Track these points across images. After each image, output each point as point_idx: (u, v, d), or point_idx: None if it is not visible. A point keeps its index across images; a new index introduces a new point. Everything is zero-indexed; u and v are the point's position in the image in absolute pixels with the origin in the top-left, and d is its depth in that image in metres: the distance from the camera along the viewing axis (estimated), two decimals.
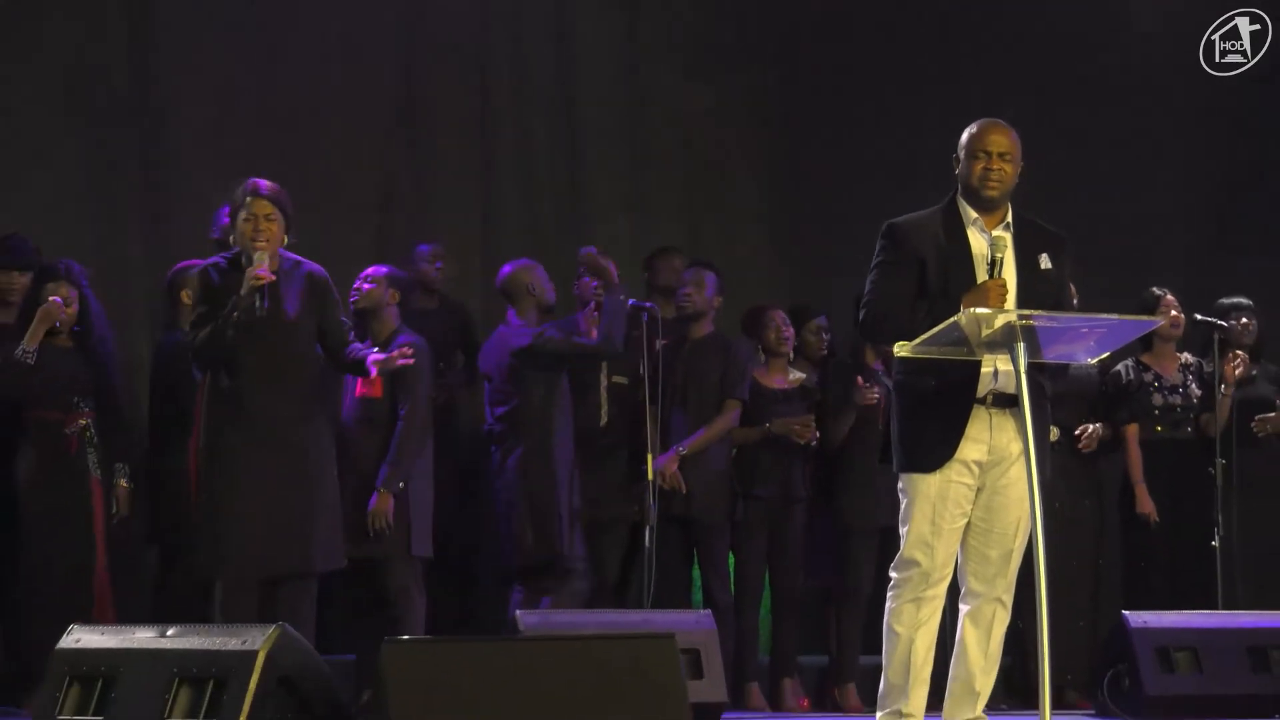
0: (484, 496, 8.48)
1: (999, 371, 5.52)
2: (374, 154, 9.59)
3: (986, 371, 5.53)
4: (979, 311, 5.31)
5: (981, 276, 5.57)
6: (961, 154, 5.68)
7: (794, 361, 8.86)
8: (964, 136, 5.70)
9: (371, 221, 9.50)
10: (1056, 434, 8.18)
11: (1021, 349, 5.34)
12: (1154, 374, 8.97)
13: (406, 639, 5.86)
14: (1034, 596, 5.27)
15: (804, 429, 8.57)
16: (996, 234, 5.61)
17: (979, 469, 5.58)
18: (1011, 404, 5.53)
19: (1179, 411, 8.94)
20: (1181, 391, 8.96)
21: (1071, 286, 6.13)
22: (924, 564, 5.58)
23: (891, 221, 5.73)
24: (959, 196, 5.70)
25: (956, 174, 5.70)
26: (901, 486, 5.64)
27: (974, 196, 5.65)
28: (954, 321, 5.32)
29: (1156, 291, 8.95)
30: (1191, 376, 8.99)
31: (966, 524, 5.62)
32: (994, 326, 5.32)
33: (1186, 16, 10.28)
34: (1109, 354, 5.82)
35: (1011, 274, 5.60)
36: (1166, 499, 8.83)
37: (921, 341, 5.40)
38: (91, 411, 7.59)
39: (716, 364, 8.55)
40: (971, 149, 5.65)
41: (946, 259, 5.61)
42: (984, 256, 5.59)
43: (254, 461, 6.66)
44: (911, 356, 5.47)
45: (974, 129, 5.69)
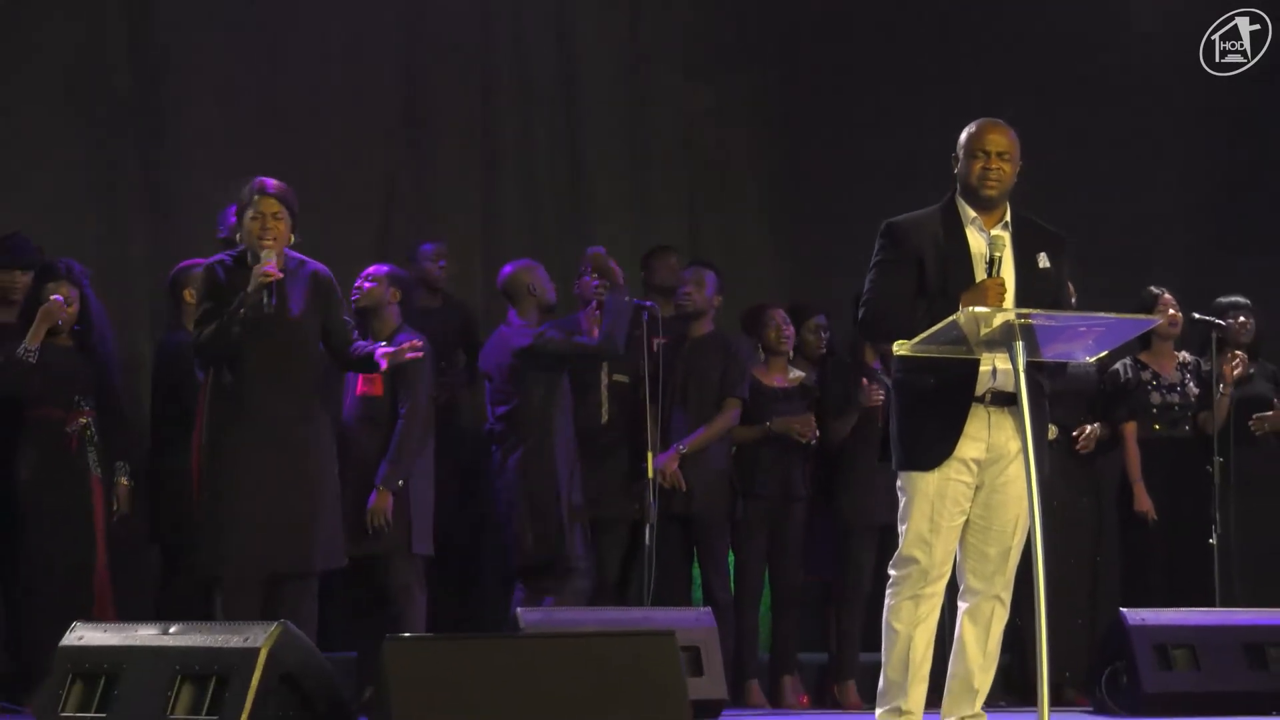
0: (485, 495, 8.49)
1: (997, 370, 5.52)
2: (375, 154, 9.58)
3: (985, 370, 5.53)
4: (978, 310, 5.32)
5: (980, 275, 5.57)
6: (960, 153, 5.68)
7: (793, 360, 8.87)
8: (963, 136, 5.69)
9: (373, 221, 9.49)
10: (1055, 432, 8.18)
11: (1020, 347, 5.34)
12: (1152, 373, 8.97)
13: (408, 636, 5.87)
14: (1032, 594, 5.27)
15: (804, 428, 8.58)
16: (995, 233, 5.61)
17: (977, 467, 5.58)
18: (1010, 402, 5.53)
19: (1177, 410, 8.94)
20: (1179, 390, 8.97)
21: (1070, 285, 6.13)
22: (922, 561, 5.58)
23: (890, 221, 5.72)
24: (958, 196, 5.70)
25: (955, 173, 5.70)
26: (900, 484, 5.65)
27: (973, 196, 5.65)
28: (953, 320, 5.32)
29: (1154, 290, 8.96)
30: (1189, 375, 9.00)
31: (965, 522, 5.62)
32: (993, 325, 5.32)
33: (1186, 16, 10.28)
34: (1107, 353, 5.81)
35: (1010, 273, 5.60)
36: (1164, 497, 8.83)
37: (920, 340, 5.40)
38: (92, 410, 7.59)
39: (717, 363, 8.56)
40: (970, 148, 5.65)
41: (945, 258, 5.61)
42: (983, 255, 5.58)
43: (256, 460, 6.65)
44: (910, 355, 5.47)
45: (972, 128, 5.69)
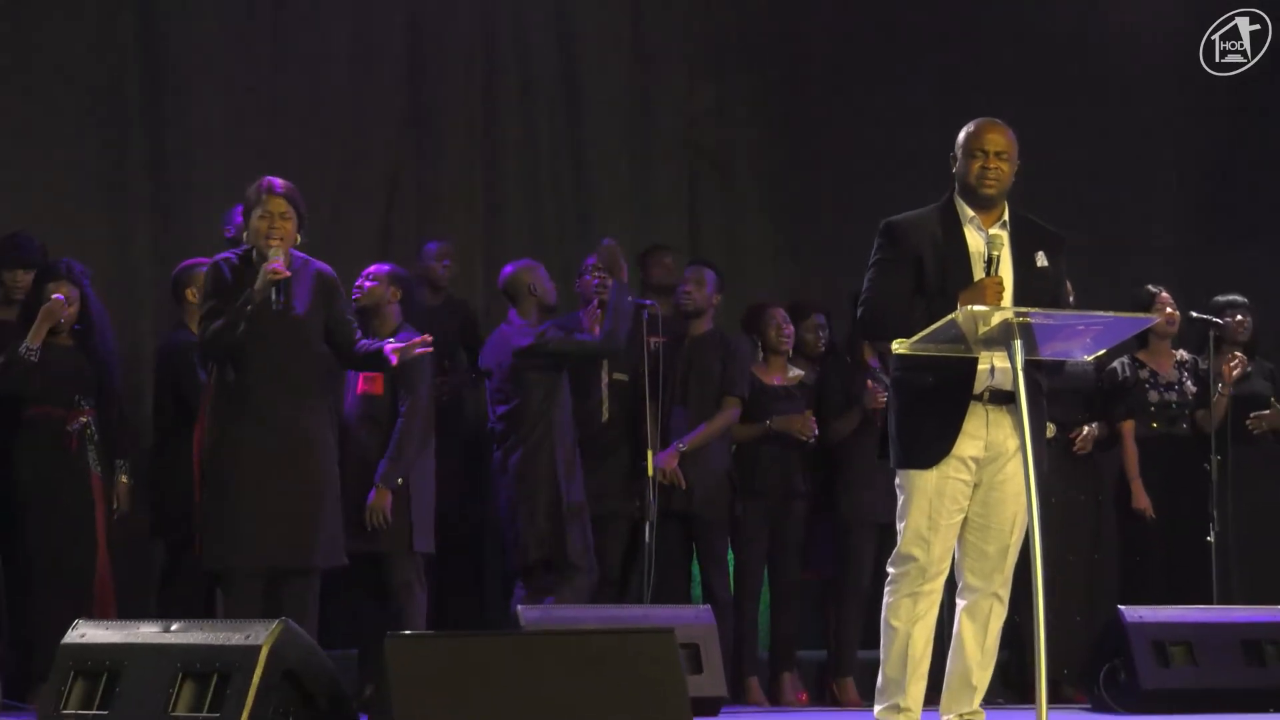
0: (486, 494, 8.50)
1: (995, 368, 5.53)
2: (377, 153, 9.58)
3: (983, 368, 5.54)
4: (976, 309, 5.33)
5: (979, 274, 5.58)
6: (959, 153, 5.68)
7: (792, 359, 8.88)
8: (961, 135, 5.70)
9: (375, 220, 9.48)
10: (1053, 430, 8.21)
11: (1018, 346, 5.36)
12: (1150, 371, 8.98)
13: (408, 634, 5.87)
14: (1030, 591, 5.28)
15: (804, 426, 8.60)
16: (993, 232, 5.61)
17: (976, 465, 5.59)
18: (1008, 400, 5.54)
19: (1174, 408, 8.95)
20: (1177, 388, 8.98)
21: (1068, 284, 6.15)
22: (921, 559, 5.59)
23: (889, 220, 5.73)
24: (956, 195, 5.70)
25: (954, 173, 5.70)
26: (899, 482, 5.66)
27: (971, 195, 5.66)
28: (951, 319, 5.33)
29: (1152, 289, 8.96)
30: (1187, 373, 9.01)
31: (964, 519, 5.63)
32: (991, 324, 5.33)
33: (1186, 16, 10.28)
34: (1105, 351, 5.83)
35: (1008, 272, 5.61)
36: (1162, 495, 8.84)
37: (919, 339, 5.41)
38: (92, 409, 7.60)
39: (716, 361, 8.57)
40: (969, 148, 5.65)
41: (944, 257, 5.61)
42: (981, 254, 5.60)
43: (259, 457, 6.67)
44: (909, 353, 5.48)
45: (971, 128, 5.70)
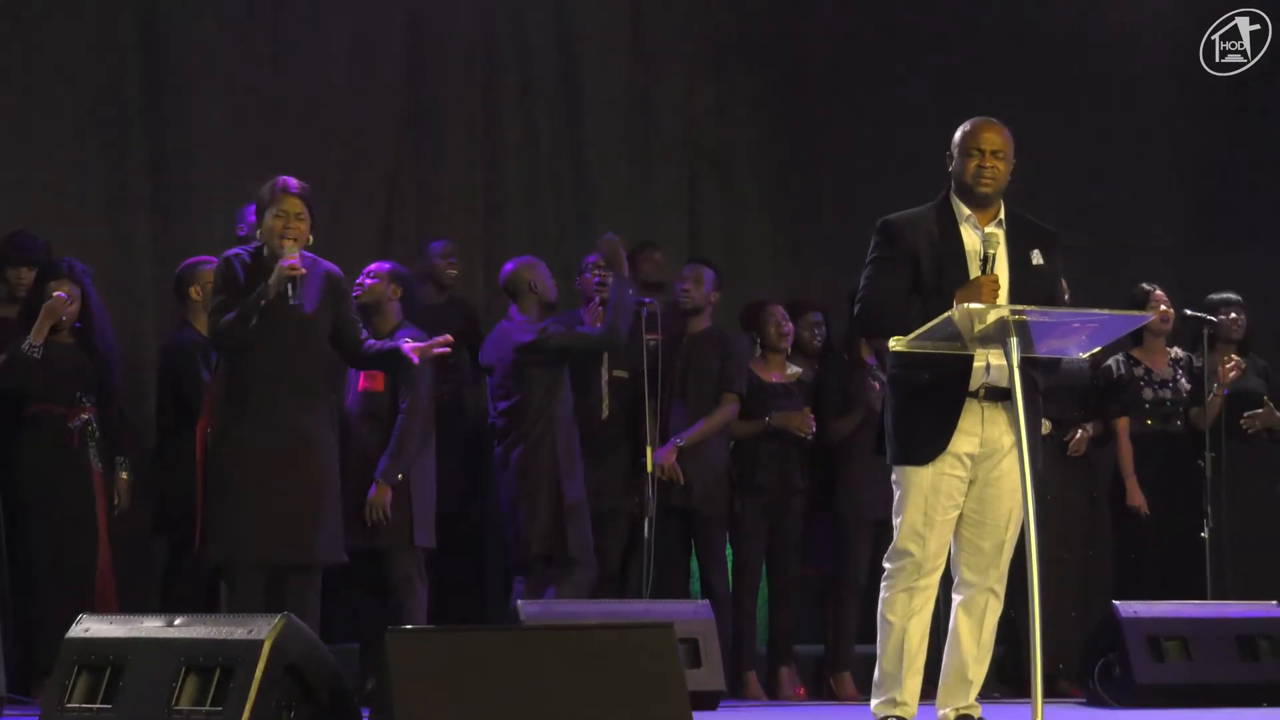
0: (487, 489, 8.52)
1: (991, 366, 5.55)
2: (378, 153, 9.57)
3: (979, 366, 5.56)
4: (972, 307, 5.36)
5: (975, 272, 5.59)
6: (955, 151, 5.70)
7: (790, 356, 8.92)
8: (957, 134, 5.72)
9: (375, 220, 9.48)
10: (1048, 427, 8.23)
11: (1014, 343, 5.38)
12: (1144, 368, 9.01)
13: (409, 628, 5.88)
14: (1026, 587, 5.31)
15: (802, 423, 8.64)
16: (989, 230, 5.63)
17: (971, 461, 5.62)
18: (1004, 397, 5.56)
19: (1169, 405, 8.98)
20: (1171, 386, 9.01)
21: (1063, 282, 6.17)
22: (916, 554, 5.62)
23: (885, 218, 5.74)
24: (952, 194, 5.72)
25: (950, 171, 5.72)
26: (895, 478, 5.68)
27: (967, 193, 5.67)
28: (947, 317, 5.36)
29: (1146, 287, 8.98)
30: (1181, 371, 9.03)
31: (959, 515, 5.65)
32: (987, 321, 5.36)
33: (1186, 16, 10.29)
34: (1100, 348, 5.87)
35: (1004, 270, 5.63)
36: (1157, 491, 8.87)
37: (916, 336, 5.44)
38: (93, 406, 7.63)
39: (714, 358, 8.59)
40: (965, 147, 5.67)
41: (940, 255, 5.63)
42: (977, 253, 5.61)
43: (260, 457, 6.69)
44: (905, 351, 5.50)
45: (967, 127, 5.71)
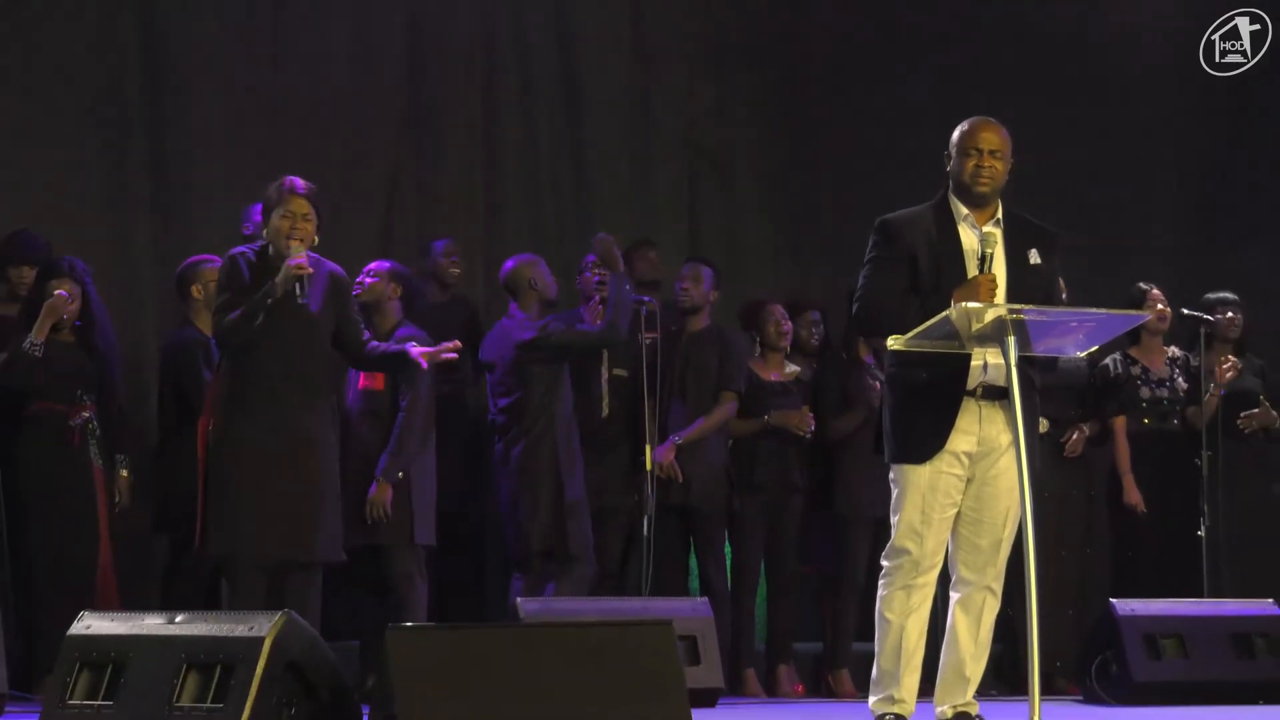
0: (488, 486, 8.54)
1: (988, 364, 5.56)
2: (378, 152, 9.57)
3: (976, 364, 5.57)
4: (970, 306, 5.37)
5: (972, 272, 5.60)
6: (953, 151, 5.71)
7: (788, 355, 8.94)
8: (955, 134, 5.73)
9: (375, 220, 9.47)
10: (1046, 426, 8.25)
11: (1011, 342, 5.39)
12: (1141, 367, 9.02)
13: (409, 626, 5.89)
14: (1023, 585, 5.31)
15: (801, 421, 8.66)
16: (987, 230, 5.65)
17: (969, 460, 5.63)
18: (1001, 396, 5.57)
19: (1166, 404, 8.99)
20: (1168, 385, 9.02)
21: (1060, 281, 6.18)
22: (914, 552, 5.63)
23: (884, 218, 5.76)
24: (950, 193, 5.73)
25: (948, 171, 5.73)
26: (893, 477, 5.69)
27: (965, 193, 5.69)
28: (945, 316, 5.37)
29: (1143, 286, 9.00)
30: (1178, 370, 9.05)
31: (957, 514, 5.67)
32: (984, 321, 5.37)
33: (1186, 16, 10.30)
34: (1097, 347, 5.88)
35: (1002, 269, 5.64)
36: (1153, 490, 8.88)
37: (914, 335, 5.45)
38: (93, 405, 7.65)
39: (713, 357, 8.61)
40: (963, 146, 5.68)
41: (938, 254, 5.65)
42: (975, 252, 5.63)
43: (264, 452, 6.71)
44: (903, 350, 5.52)
45: (965, 126, 5.72)
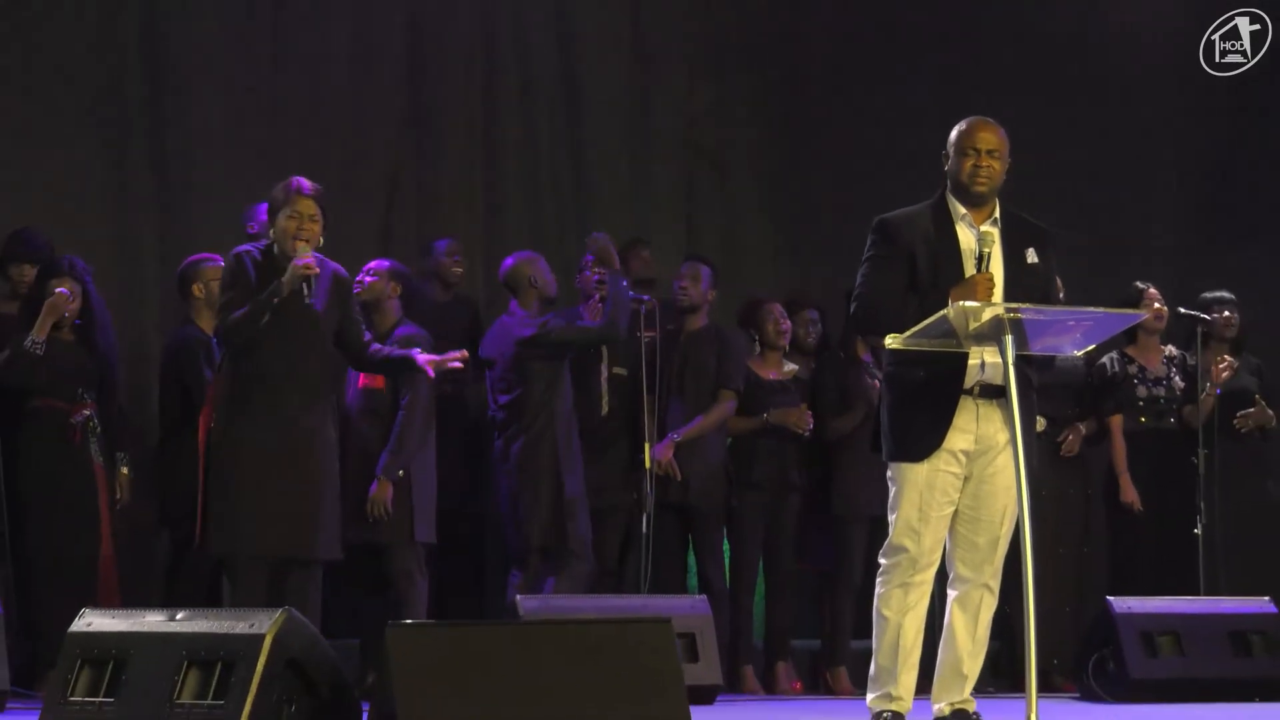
0: (487, 483, 8.55)
1: (986, 363, 5.57)
2: (378, 152, 9.58)
3: (974, 363, 5.58)
4: (967, 305, 5.37)
5: (970, 271, 5.62)
6: (951, 151, 5.72)
7: (787, 353, 8.96)
8: (953, 134, 5.74)
9: (375, 220, 9.47)
10: (1043, 424, 8.26)
11: (1009, 341, 5.40)
12: (1138, 366, 9.04)
13: (409, 623, 5.91)
14: (1021, 582, 5.31)
15: (800, 419, 8.68)
16: (985, 229, 5.66)
17: (966, 458, 5.64)
18: (998, 395, 5.58)
19: (1162, 403, 9.01)
20: (1165, 383, 9.04)
21: (1058, 280, 6.19)
22: (911, 550, 5.65)
23: (882, 217, 5.77)
24: (948, 192, 5.74)
25: (946, 170, 5.75)
26: (890, 475, 5.71)
27: (963, 193, 5.70)
28: (943, 314, 5.38)
29: (1140, 285, 9.02)
30: (1175, 369, 9.07)
31: (954, 511, 5.68)
32: (982, 320, 5.37)
33: (1186, 16, 10.31)
34: (1094, 346, 5.89)
35: (999, 268, 5.65)
36: (1150, 488, 8.91)
37: (911, 334, 5.46)
38: (94, 403, 7.67)
39: (712, 355, 8.62)
40: (961, 146, 5.69)
41: (936, 253, 5.66)
42: (972, 251, 5.64)
43: (264, 451, 6.74)
44: (901, 348, 5.53)
45: (963, 126, 5.73)
